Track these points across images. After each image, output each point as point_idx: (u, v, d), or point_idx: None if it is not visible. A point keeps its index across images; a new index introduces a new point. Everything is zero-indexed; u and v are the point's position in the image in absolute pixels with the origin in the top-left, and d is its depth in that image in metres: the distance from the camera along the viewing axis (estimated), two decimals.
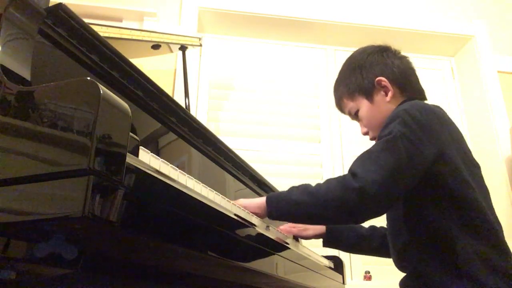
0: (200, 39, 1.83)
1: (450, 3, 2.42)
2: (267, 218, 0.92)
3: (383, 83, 1.03)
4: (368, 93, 1.05)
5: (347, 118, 2.18)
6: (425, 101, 1.03)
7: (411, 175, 0.84)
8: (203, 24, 2.19)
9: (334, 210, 0.84)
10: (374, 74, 1.04)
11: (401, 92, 1.04)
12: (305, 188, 0.89)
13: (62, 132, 0.41)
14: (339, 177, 0.86)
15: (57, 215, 0.38)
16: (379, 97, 1.04)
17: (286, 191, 0.91)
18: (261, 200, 0.92)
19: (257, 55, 2.28)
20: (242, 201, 0.92)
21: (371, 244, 1.21)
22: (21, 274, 0.49)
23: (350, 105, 1.09)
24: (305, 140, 2.12)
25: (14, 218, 0.41)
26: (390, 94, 1.03)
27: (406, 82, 1.05)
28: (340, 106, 1.14)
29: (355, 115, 1.10)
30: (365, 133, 1.10)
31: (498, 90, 2.22)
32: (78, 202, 0.37)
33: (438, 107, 0.98)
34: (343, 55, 2.34)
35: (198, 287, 0.86)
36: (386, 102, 1.03)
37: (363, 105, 1.06)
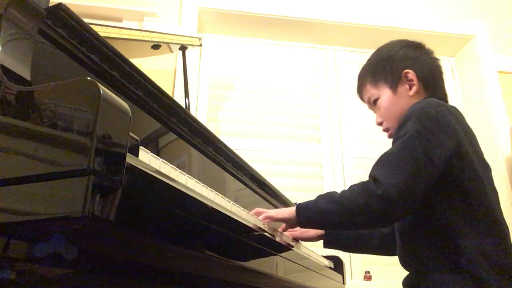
0: (200, 39, 1.83)
1: (450, 3, 2.42)
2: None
3: (409, 75, 1.03)
4: (393, 83, 1.05)
5: (347, 118, 2.20)
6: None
7: (431, 172, 0.84)
8: (203, 24, 2.19)
9: (361, 217, 0.85)
10: (403, 66, 1.04)
11: (425, 90, 1.04)
12: (330, 196, 0.91)
13: (62, 132, 0.41)
14: (362, 183, 0.86)
15: (57, 215, 0.38)
16: (402, 89, 1.04)
17: (314, 199, 0.93)
18: (291, 210, 0.95)
19: (257, 55, 2.28)
20: (272, 212, 0.96)
21: (370, 243, 1.21)
22: (21, 274, 0.49)
23: (372, 91, 1.09)
24: (305, 140, 2.12)
25: (14, 218, 0.41)
26: (414, 88, 1.02)
27: (432, 82, 1.05)
28: (361, 92, 1.14)
29: (373, 103, 1.09)
30: (379, 123, 1.09)
31: (498, 90, 2.22)
32: (78, 202, 0.37)
33: (455, 107, 0.98)
34: (343, 55, 2.35)
35: (198, 287, 0.86)
36: (408, 96, 1.03)
37: (385, 94, 1.06)
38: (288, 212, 0.96)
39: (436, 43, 2.36)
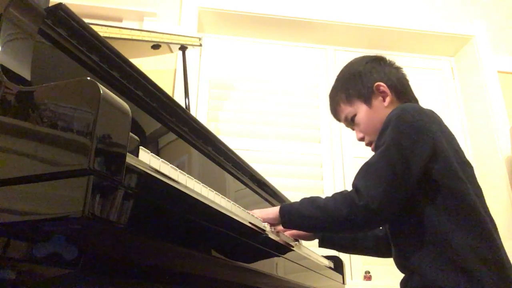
0: (200, 39, 1.83)
1: (450, 3, 2.42)
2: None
3: (381, 88, 1.07)
4: (367, 98, 1.08)
5: None
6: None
7: (410, 178, 0.87)
8: (203, 24, 2.19)
9: (343, 225, 0.90)
10: (373, 79, 1.08)
11: (398, 98, 1.08)
12: (314, 201, 0.93)
13: (62, 132, 0.41)
14: (345, 192, 0.90)
15: (57, 215, 0.38)
16: (377, 102, 1.07)
17: (298, 202, 0.96)
18: (275, 210, 0.97)
19: (257, 55, 2.28)
20: (257, 212, 0.97)
21: (365, 244, 1.24)
22: (21, 274, 0.49)
23: (348, 110, 1.12)
24: (305, 140, 2.12)
25: (14, 218, 0.41)
26: (388, 99, 1.06)
27: (403, 90, 1.10)
28: (336, 112, 1.17)
29: (351, 121, 1.13)
30: (361, 139, 1.13)
31: (498, 90, 2.22)
32: (78, 202, 0.37)
33: (431, 110, 1.01)
34: (343, 55, 2.34)
35: (198, 287, 0.86)
36: (383, 107, 1.06)
37: (361, 110, 1.09)
38: (272, 213, 0.97)
39: (436, 43, 2.37)
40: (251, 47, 2.29)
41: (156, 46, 1.65)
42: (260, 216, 0.94)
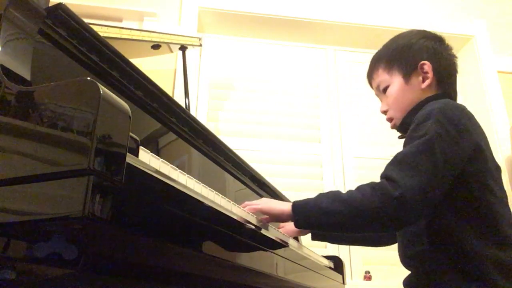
0: (200, 39, 1.83)
1: (450, 3, 2.42)
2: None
3: (426, 67, 1.00)
4: (407, 72, 1.02)
5: (347, 118, 2.20)
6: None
7: (448, 178, 0.82)
8: (203, 24, 2.19)
9: (370, 219, 0.80)
10: (421, 56, 1.02)
11: (438, 85, 1.01)
12: (335, 195, 0.85)
13: (62, 132, 0.41)
14: (373, 183, 0.82)
15: (57, 215, 0.38)
16: (415, 80, 1.01)
17: (314, 198, 0.87)
18: (287, 207, 0.89)
19: (257, 55, 2.27)
20: (266, 202, 0.90)
21: (356, 235, 1.21)
22: (21, 274, 0.49)
23: (384, 77, 1.05)
24: (305, 140, 2.12)
25: (14, 218, 0.41)
26: (428, 81, 1.00)
27: (447, 78, 1.03)
28: (371, 76, 1.10)
29: (382, 91, 1.06)
30: (384, 112, 1.06)
31: (498, 90, 2.22)
32: (78, 202, 0.37)
33: (468, 110, 0.96)
34: (343, 55, 2.35)
35: (198, 287, 0.86)
36: (420, 88, 1.00)
37: (396, 82, 1.02)
38: (281, 209, 0.89)
39: None
40: (251, 47, 2.29)
41: (156, 46, 1.65)
42: (267, 209, 0.87)
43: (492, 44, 2.33)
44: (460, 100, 0.90)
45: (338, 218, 0.82)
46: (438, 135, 0.82)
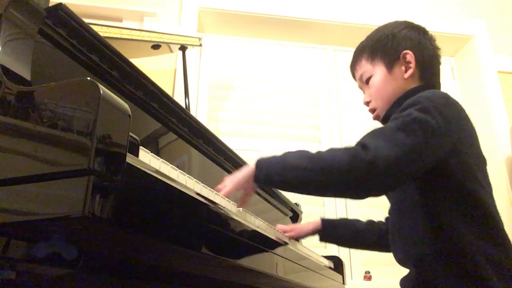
0: (200, 39, 1.83)
1: (450, 3, 2.42)
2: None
3: (408, 57, 0.99)
4: (390, 62, 1.01)
5: (347, 118, 2.20)
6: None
7: (424, 160, 0.81)
8: (203, 24, 2.19)
9: (337, 179, 0.77)
10: (403, 46, 1.01)
11: (421, 76, 1.00)
12: (303, 152, 0.82)
13: (62, 132, 0.41)
14: (346, 146, 0.80)
15: (57, 215, 0.38)
16: (398, 70, 1.00)
17: (281, 154, 0.83)
18: (248, 167, 0.85)
19: (257, 55, 2.28)
20: (229, 177, 0.86)
21: (368, 239, 1.20)
22: (21, 274, 0.49)
23: (367, 68, 1.04)
24: (305, 140, 2.12)
25: (14, 218, 0.41)
26: (410, 71, 0.99)
27: (430, 69, 1.02)
28: (354, 66, 1.10)
29: (365, 82, 1.05)
30: (367, 103, 1.06)
31: (498, 90, 2.22)
32: (78, 202, 0.37)
33: (457, 101, 0.96)
34: (343, 55, 2.34)
35: (198, 287, 0.86)
36: (402, 78, 0.99)
37: (379, 72, 1.02)
38: (246, 171, 0.84)
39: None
40: (251, 47, 2.29)
41: (156, 46, 1.65)
42: (232, 183, 0.83)
43: (492, 44, 2.33)
44: (460, 100, 0.90)
45: (301, 173, 0.78)
46: (423, 119, 0.80)
